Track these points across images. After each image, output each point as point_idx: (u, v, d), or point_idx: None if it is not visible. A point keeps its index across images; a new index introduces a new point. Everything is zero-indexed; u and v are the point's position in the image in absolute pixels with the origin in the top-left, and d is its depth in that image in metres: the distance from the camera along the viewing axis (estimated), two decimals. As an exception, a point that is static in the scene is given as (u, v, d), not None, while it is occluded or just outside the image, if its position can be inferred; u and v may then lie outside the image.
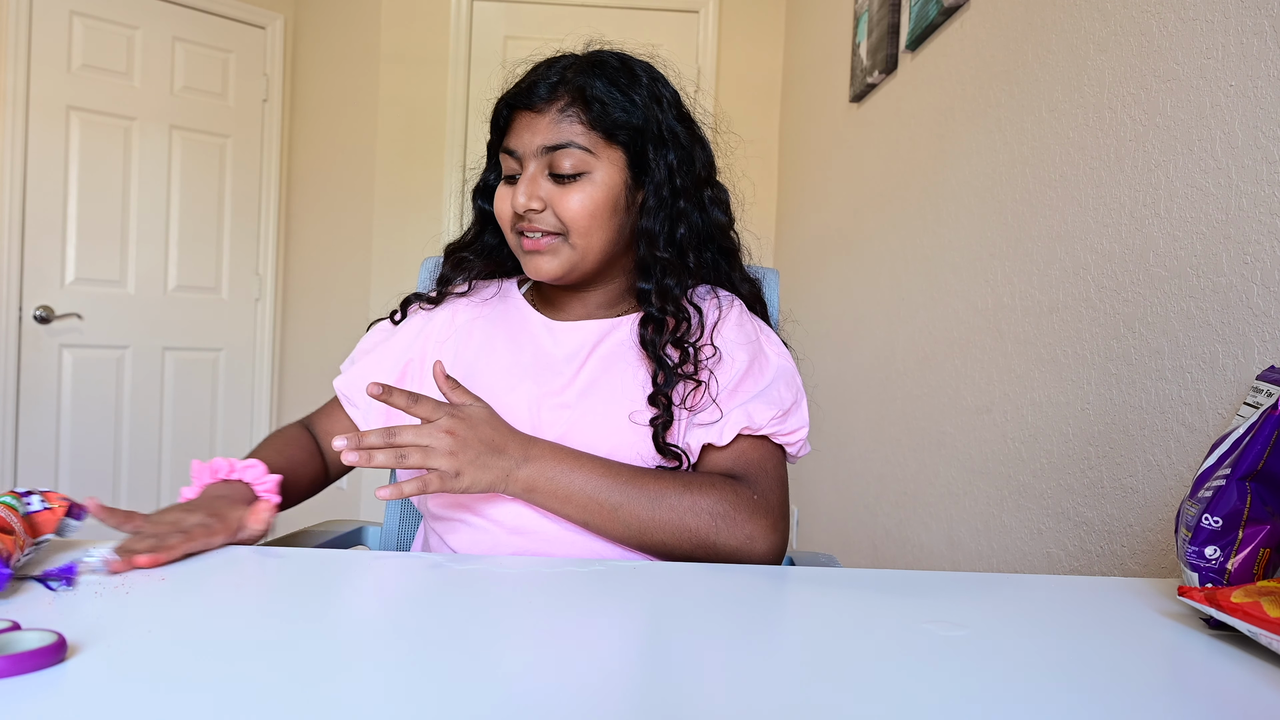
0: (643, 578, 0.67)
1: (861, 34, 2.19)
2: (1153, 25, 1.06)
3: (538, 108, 0.85)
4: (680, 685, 0.45)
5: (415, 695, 0.42)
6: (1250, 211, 0.88)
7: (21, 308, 2.78)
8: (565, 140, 0.83)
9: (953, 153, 1.64)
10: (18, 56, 2.72)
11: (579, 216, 0.84)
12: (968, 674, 0.47)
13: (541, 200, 0.84)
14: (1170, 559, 0.96)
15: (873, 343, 2.04)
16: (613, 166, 0.85)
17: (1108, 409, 1.10)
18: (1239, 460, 0.61)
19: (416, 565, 0.69)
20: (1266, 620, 0.50)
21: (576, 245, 0.85)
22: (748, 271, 0.97)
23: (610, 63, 0.88)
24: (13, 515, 0.60)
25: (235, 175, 3.24)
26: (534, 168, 0.85)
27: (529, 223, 0.85)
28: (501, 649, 0.50)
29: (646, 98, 0.87)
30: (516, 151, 0.86)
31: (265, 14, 3.26)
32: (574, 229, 0.84)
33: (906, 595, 0.63)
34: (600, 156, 0.85)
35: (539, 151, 0.84)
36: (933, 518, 1.63)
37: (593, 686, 0.44)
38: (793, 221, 2.98)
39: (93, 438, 2.95)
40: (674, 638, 0.54)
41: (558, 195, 0.84)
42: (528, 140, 0.85)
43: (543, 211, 0.84)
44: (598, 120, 0.84)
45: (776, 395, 0.85)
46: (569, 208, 0.84)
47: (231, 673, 0.44)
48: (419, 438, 0.72)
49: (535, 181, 0.84)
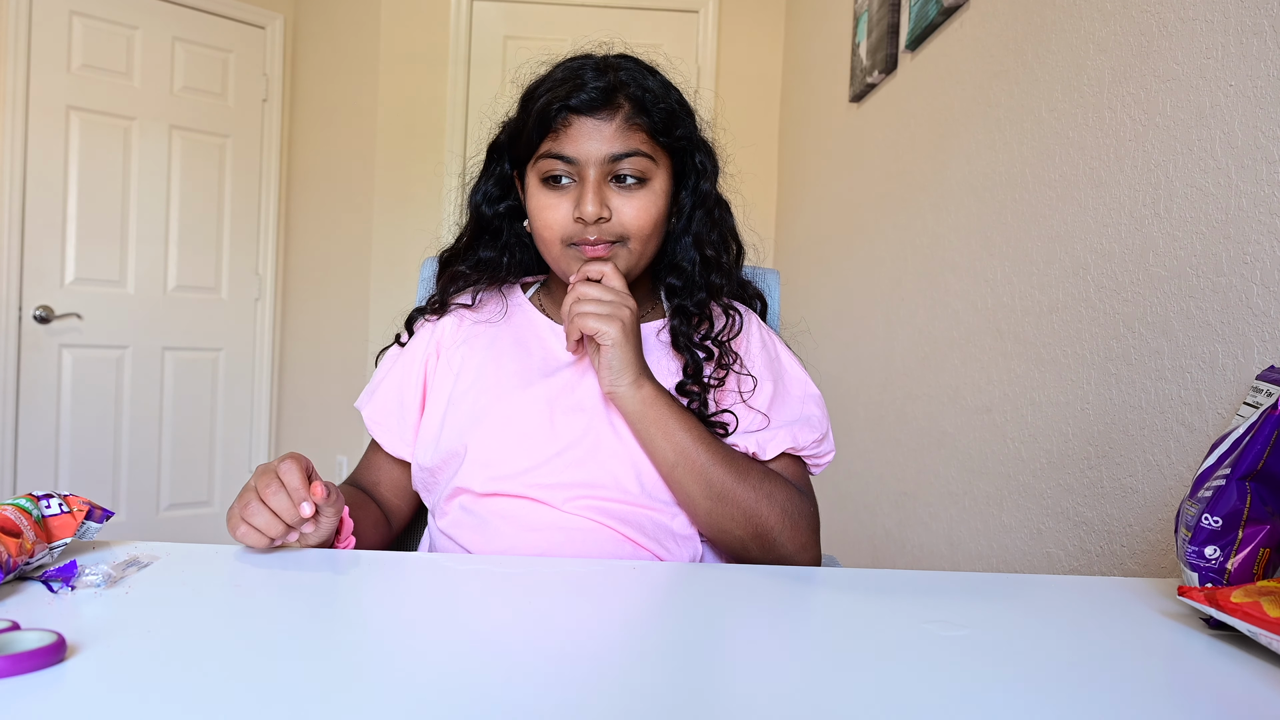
0: (643, 578, 0.67)
1: (861, 34, 2.19)
2: (1153, 25, 1.06)
3: (600, 115, 0.83)
4: (680, 684, 0.45)
5: (416, 695, 0.42)
6: (1250, 211, 0.88)
7: (21, 308, 2.78)
8: (632, 148, 0.83)
9: (953, 153, 1.64)
10: (18, 56, 2.72)
11: (644, 224, 0.84)
12: (968, 674, 0.47)
13: (609, 209, 0.83)
14: (1170, 559, 0.96)
15: (873, 343, 2.04)
16: (665, 174, 0.86)
17: (1108, 409, 1.10)
18: (1239, 460, 0.61)
19: (418, 565, 0.69)
20: (1266, 620, 0.50)
21: (634, 250, 0.85)
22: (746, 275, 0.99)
23: (649, 68, 0.88)
24: (23, 518, 0.60)
25: (235, 175, 3.23)
26: (597, 175, 0.83)
27: (595, 234, 0.83)
28: (501, 649, 0.50)
29: (683, 104, 0.89)
30: (576, 159, 0.83)
31: (265, 14, 3.26)
32: (636, 235, 0.84)
33: (906, 595, 0.63)
34: (658, 163, 0.85)
35: (606, 160, 0.82)
36: (933, 518, 1.63)
37: (592, 686, 0.44)
38: (792, 221, 2.98)
39: (93, 438, 2.95)
40: (674, 637, 0.54)
41: (622, 203, 0.83)
42: (593, 148, 0.82)
43: (610, 220, 0.83)
44: (658, 127, 0.84)
45: (817, 420, 0.89)
46: (634, 215, 0.83)
47: (231, 673, 0.44)
48: (598, 308, 0.79)
49: (601, 188, 0.83)
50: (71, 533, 0.63)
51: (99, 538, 0.69)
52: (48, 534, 0.62)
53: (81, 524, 0.65)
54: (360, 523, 0.82)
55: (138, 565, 0.62)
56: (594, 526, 0.79)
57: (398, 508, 0.93)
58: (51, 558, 0.62)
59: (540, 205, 0.85)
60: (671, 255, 0.91)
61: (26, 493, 0.65)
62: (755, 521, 0.79)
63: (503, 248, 0.95)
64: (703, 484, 0.78)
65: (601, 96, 0.83)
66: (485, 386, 0.86)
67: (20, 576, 0.58)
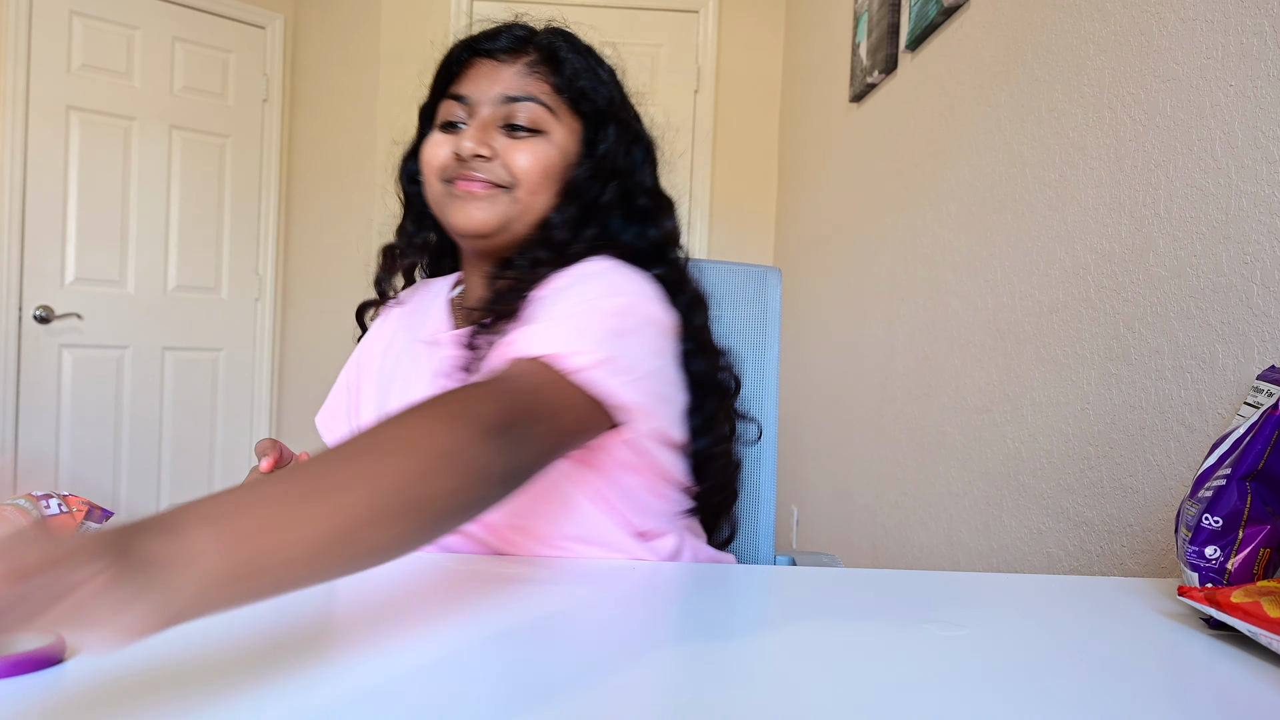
0: (642, 577, 0.67)
1: (861, 34, 2.19)
2: (1153, 25, 1.05)
3: (501, 57, 0.80)
4: (680, 684, 0.45)
5: (415, 695, 0.42)
6: (1250, 211, 0.88)
7: (21, 308, 2.78)
8: (528, 93, 0.79)
9: (953, 153, 1.64)
10: (18, 56, 2.72)
11: (531, 170, 0.78)
12: (968, 674, 0.47)
13: (492, 149, 0.78)
14: (1170, 559, 0.96)
15: (872, 343, 2.04)
16: (569, 134, 0.81)
17: (1108, 409, 1.10)
18: (1239, 460, 0.60)
19: (418, 564, 0.69)
20: (1266, 620, 0.50)
21: (520, 200, 0.79)
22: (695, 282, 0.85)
23: (579, 38, 0.85)
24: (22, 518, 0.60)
25: (235, 175, 3.23)
26: (488, 115, 0.79)
27: (469, 172, 0.78)
28: (501, 648, 0.50)
29: (610, 81, 0.85)
30: (469, 97, 0.79)
31: (265, 14, 3.26)
32: (523, 183, 0.78)
33: (906, 595, 0.63)
34: (560, 120, 0.80)
35: (498, 100, 0.79)
36: (933, 518, 1.63)
37: (592, 685, 0.44)
38: (792, 221, 2.98)
39: (93, 438, 2.95)
40: (673, 637, 0.54)
41: (510, 147, 0.78)
42: (486, 87, 0.79)
43: (490, 160, 0.78)
44: (565, 84, 0.80)
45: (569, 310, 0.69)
46: (522, 160, 0.78)
47: (231, 673, 0.44)
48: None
49: (487, 129, 0.78)
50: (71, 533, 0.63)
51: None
52: (48, 534, 0.62)
53: (81, 524, 0.65)
54: None
55: None
56: None
57: None
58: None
59: (426, 144, 0.81)
60: (547, 222, 0.80)
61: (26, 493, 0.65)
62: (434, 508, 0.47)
63: (424, 221, 0.90)
64: (373, 541, 0.44)
65: (509, 41, 0.80)
66: (391, 393, 0.85)
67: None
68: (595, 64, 0.84)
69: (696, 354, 0.80)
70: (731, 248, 3.24)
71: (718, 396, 0.81)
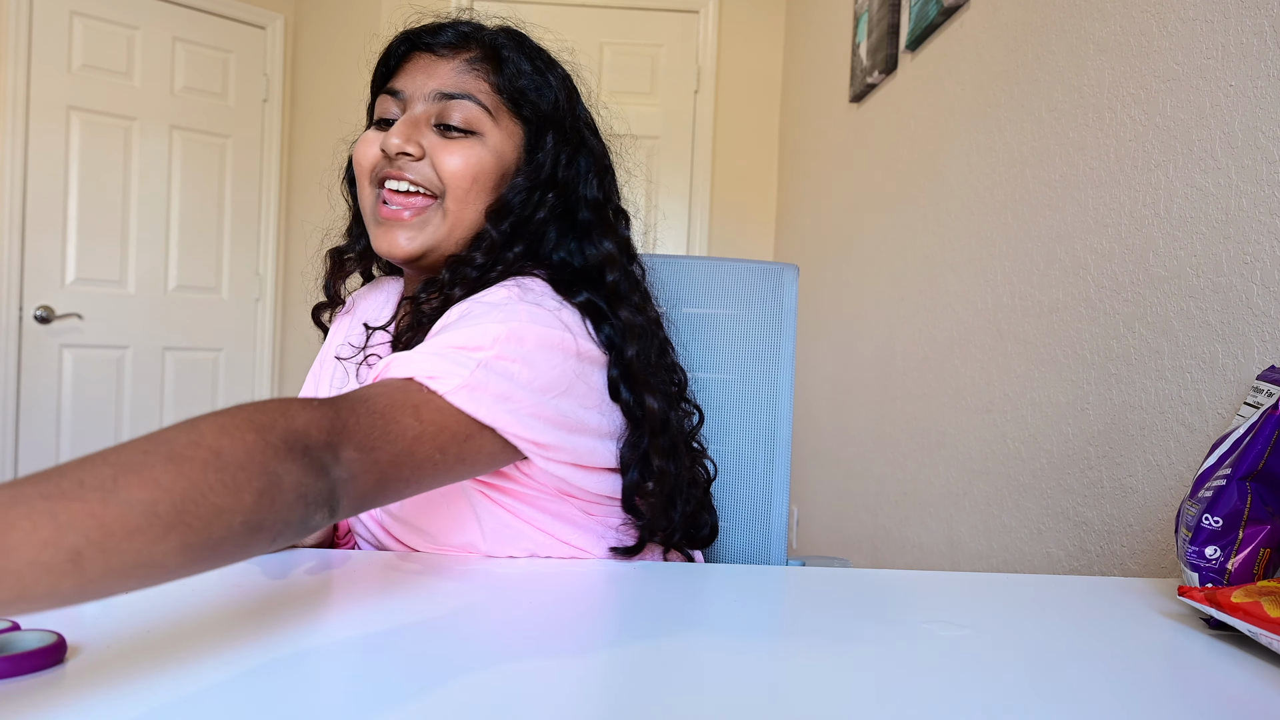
0: (642, 577, 0.67)
1: (861, 34, 2.19)
2: (1153, 25, 1.05)
3: (440, 51, 0.76)
4: (680, 684, 0.45)
5: (414, 694, 0.42)
6: (1250, 211, 0.88)
7: (22, 308, 2.78)
8: (465, 91, 0.74)
9: (952, 153, 1.64)
10: (18, 56, 2.72)
11: (461, 175, 0.73)
12: (968, 674, 0.47)
13: (420, 147, 0.73)
14: (1170, 559, 0.96)
15: (873, 343, 2.04)
16: (508, 139, 0.76)
17: (1108, 409, 1.10)
18: (1239, 460, 0.61)
19: (417, 565, 0.69)
20: (1266, 620, 0.50)
21: (450, 211, 0.74)
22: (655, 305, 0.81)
23: (530, 40, 0.80)
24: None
25: (235, 175, 3.23)
26: (420, 111, 0.74)
27: (397, 171, 0.74)
28: (502, 649, 0.50)
29: (559, 86, 0.79)
30: (403, 92, 0.76)
31: (265, 14, 3.26)
32: (452, 189, 0.73)
33: (906, 595, 0.63)
34: (498, 123, 0.76)
35: (432, 96, 0.75)
36: (933, 518, 1.63)
37: (592, 685, 0.44)
38: (792, 221, 2.98)
39: (93, 438, 2.95)
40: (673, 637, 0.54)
41: (440, 147, 0.74)
42: (420, 82, 0.75)
43: (419, 160, 0.74)
44: (506, 85, 0.75)
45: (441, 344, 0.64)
46: (451, 163, 0.73)
47: (231, 673, 0.44)
48: None
49: (417, 125, 0.74)
50: None
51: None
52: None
53: None
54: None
55: None
56: None
57: None
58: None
59: (358, 142, 0.78)
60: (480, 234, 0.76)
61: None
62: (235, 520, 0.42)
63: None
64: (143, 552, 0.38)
65: (452, 36, 0.76)
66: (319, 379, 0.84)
67: (20, 576, 0.58)
68: (545, 66, 0.79)
69: (624, 385, 0.73)
70: (731, 248, 3.24)
71: (651, 431, 0.74)
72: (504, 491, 0.72)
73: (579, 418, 0.69)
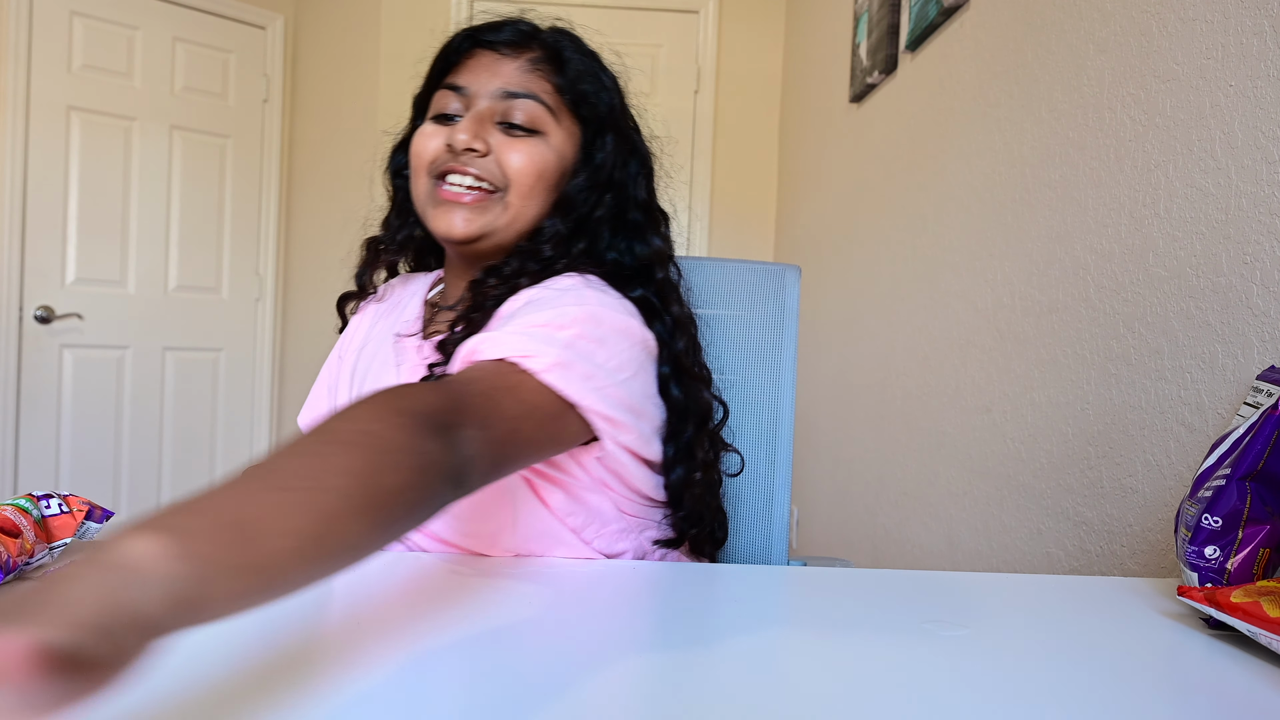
0: (642, 577, 0.67)
1: (861, 34, 2.19)
2: (1153, 25, 1.06)
3: (503, 50, 0.77)
4: (679, 684, 0.45)
5: (414, 694, 0.42)
6: (1250, 211, 0.88)
7: (22, 308, 2.78)
8: (529, 91, 0.76)
9: (952, 153, 1.64)
10: (18, 56, 2.72)
11: (526, 172, 0.75)
12: (968, 674, 0.47)
13: (486, 144, 0.74)
14: (1170, 559, 0.96)
15: (872, 342, 2.04)
16: (568, 139, 0.78)
17: (1108, 409, 1.10)
18: (1239, 460, 0.61)
19: (417, 565, 0.69)
20: (1266, 620, 0.50)
21: (511, 206, 0.76)
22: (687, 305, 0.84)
23: (585, 42, 0.83)
24: (23, 518, 0.60)
25: (235, 175, 3.24)
26: (484, 108, 0.75)
27: (461, 165, 0.74)
28: (504, 649, 0.50)
29: (613, 88, 0.83)
30: (467, 89, 0.76)
31: (265, 14, 3.26)
32: (516, 185, 0.75)
33: (906, 595, 0.63)
34: (559, 122, 0.77)
35: (496, 94, 0.76)
36: (933, 518, 1.63)
37: (592, 685, 0.44)
38: (792, 221, 2.98)
39: (93, 438, 2.95)
40: (673, 637, 0.54)
41: (505, 145, 0.75)
42: (485, 80, 0.76)
43: (484, 157, 0.75)
44: (568, 85, 0.77)
45: (521, 324, 0.67)
46: (517, 160, 0.75)
47: (232, 673, 0.44)
48: None
49: (483, 122, 0.75)
50: (72, 533, 0.64)
51: (99, 538, 0.69)
52: (48, 534, 0.62)
53: (82, 524, 0.65)
54: None
55: None
56: None
57: None
58: (52, 558, 0.62)
59: (417, 134, 0.78)
60: (538, 231, 0.78)
61: (26, 493, 0.65)
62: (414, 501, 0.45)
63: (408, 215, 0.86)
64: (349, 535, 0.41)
65: (513, 35, 0.77)
66: (339, 370, 0.85)
67: (20, 577, 0.58)
68: (599, 69, 0.82)
69: (674, 378, 0.76)
70: (731, 248, 3.24)
71: (696, 423, 0.77)
72: (546, 478, 0.72)
73: (641, 404, 0.71)
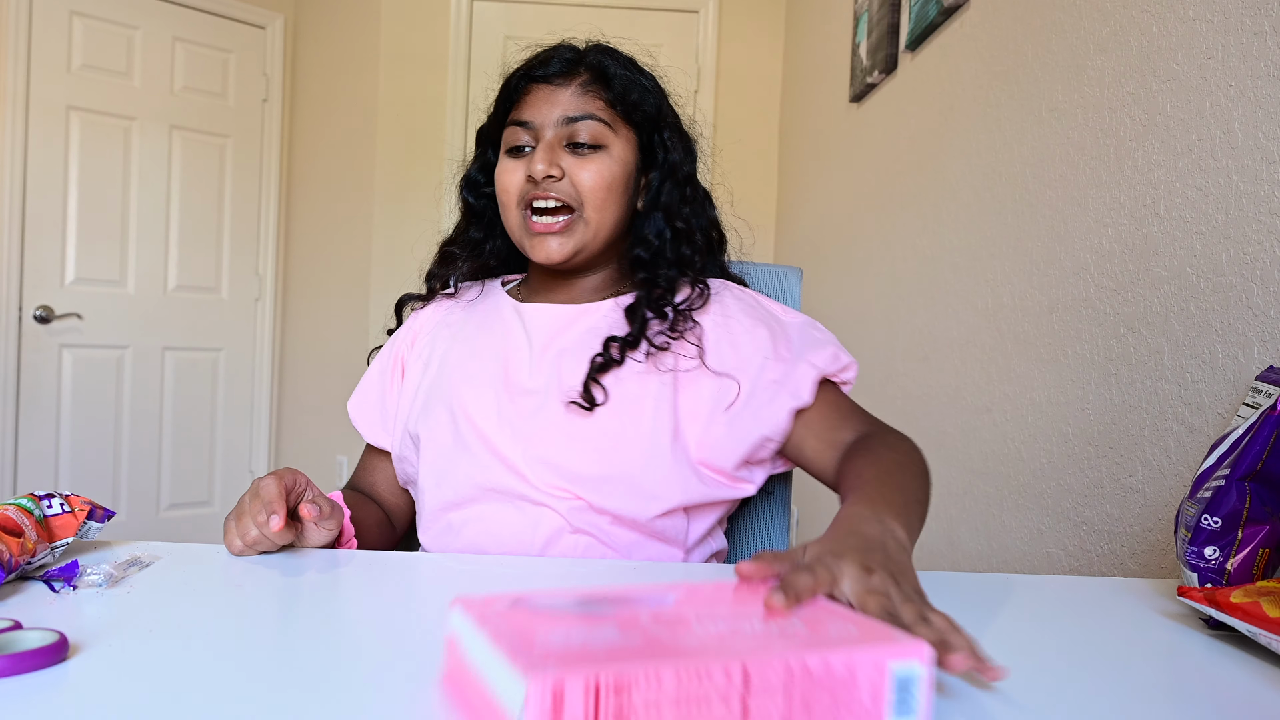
0: (643, 578, 0.67)
1: (861, 34, 2.19)
2: (1153, 25, 1.06)
3: (556, 81, 0.86)
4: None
5: (414, 694, 0.42)
6: (1250, 211, 0.88)
7: (21, 308, 2.78)
8: (587, 112, 0.85)
9: (952, 153, 1.64)
10: (18, 56, 2.72)
11: (597, 187, 0.84)
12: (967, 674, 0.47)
13: (560, 169, 0.84)
14: (1170, 559, 0.96)
15: (872, 343, 2.04)
16: (627, 145, 0.87)
17: (1108, 409, 1.10)
18: (1238, 460, 0.61)
19: (418, 565, 0.69)
20: (1266, 620, 0.51)
21: (590, 220, 0.85)
22: (731, 269, 0.98)
23: (622, 53, 0.91)
24: (25, 517, 0.60)
25: (235, 175, 3.24)
26: (552, 137, 0.85)
27: (544, 191, 0.84)
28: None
29: (654, 89, 0.91)
30: (532, 123, 0.86)
31: (265, 14, 3.26)
32: (590, 200, 0.84)
33: (906, 595, 0.63)
34: (617, 133, 0.87)
35: (560, 122, 0.85)
36: (933, 518, 1.63)
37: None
38: (792, 221, 2.98)
39: (93, 438, 2.95)
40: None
41: (576, 165, 0.84)
42: (546, 111, 0.85)
43: (560, 180, 0.84)
44: (617, 98, 0.86)
45: (820, 337, 0.86)
46: (587, 177, 0.84)
47: (232, 673, 0.44)
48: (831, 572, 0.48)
49: (553, 149, 0.84)
50: (73, 532, 0.64)
51: (100, 538, 0.69)
52: (49, 534, 0.62)
53: (83, 524, 0.65)
54: (362, 524, 0.82)
55: (139, 565, 0.63)
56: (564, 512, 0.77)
57: (397, 506, 0.93)
58: (53, 557, 0.62)
59: (500, 171, 0.88)
60: (639, 231, 0.90)
61: (28, 492, 0.65)
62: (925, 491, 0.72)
63: (488, 230, 0.96)
64: (925, 513, 0.69)
65: (561, 65, 0.86)
66: (442, 379, 0.86)
67: (22, 576, 0.59)
68: (638, 74, 0.90)
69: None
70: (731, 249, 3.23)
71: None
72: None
73: None
